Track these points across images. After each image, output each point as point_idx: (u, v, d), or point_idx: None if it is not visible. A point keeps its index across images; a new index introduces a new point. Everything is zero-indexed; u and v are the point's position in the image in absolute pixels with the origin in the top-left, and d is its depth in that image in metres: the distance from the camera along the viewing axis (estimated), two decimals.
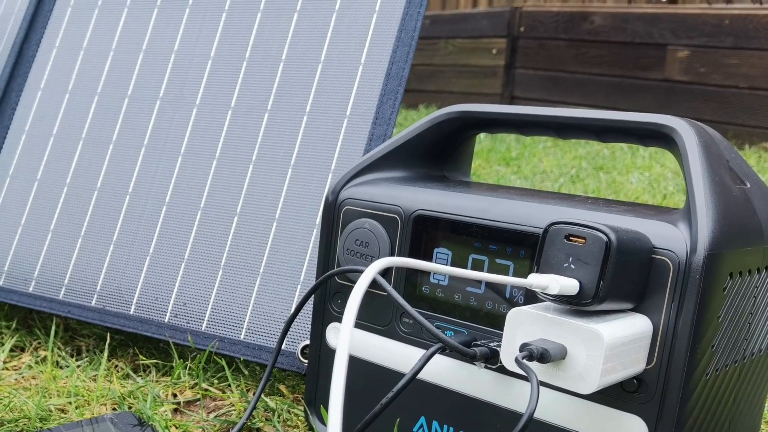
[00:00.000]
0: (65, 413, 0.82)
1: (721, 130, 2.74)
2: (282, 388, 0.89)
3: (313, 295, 0.76)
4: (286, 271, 0.90)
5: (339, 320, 0.75)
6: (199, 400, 0.86)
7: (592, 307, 0.53)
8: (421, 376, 0.68)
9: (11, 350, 0.99)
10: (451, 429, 0.67)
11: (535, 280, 0.54)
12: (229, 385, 0.89)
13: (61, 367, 0.94)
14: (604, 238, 0.52)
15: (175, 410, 0.84)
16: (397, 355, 0.70)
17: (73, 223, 1.04)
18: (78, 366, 0.94)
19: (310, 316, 0.84)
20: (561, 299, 0.54)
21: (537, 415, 0.61)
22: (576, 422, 0.59)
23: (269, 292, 0.90)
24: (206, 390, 0.88)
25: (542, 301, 0.58)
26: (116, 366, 0.95)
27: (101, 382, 0.87)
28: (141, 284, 0.97)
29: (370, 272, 0.55)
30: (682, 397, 0.54)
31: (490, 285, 0.64)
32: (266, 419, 0.82)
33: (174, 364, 0.91)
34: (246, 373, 0.92)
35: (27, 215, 1.08)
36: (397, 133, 0.76)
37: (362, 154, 0.91)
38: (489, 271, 0.64)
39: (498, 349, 0.61)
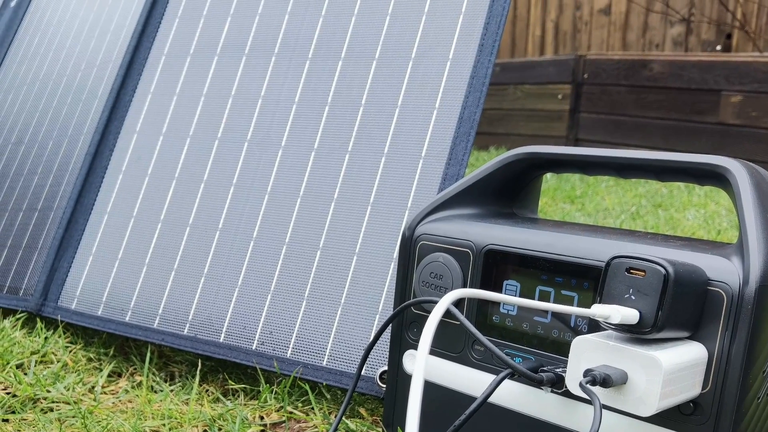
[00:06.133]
0: None
1: None
2: (362, 411, 0.90)
3: (390, 324, 0.78)
4: (365, 302, 0.93)
5: (415, 347, 0.77)
6: (284, 422, 0.88)
7: (651, 336, 0.55)
8: (491, 399, 0.70)
9: (109, 375, 1.02)
10: None
11: (598, 310, 0.56)
12: (313, 408, 0.90)
13: (155, 392, 0.97)
14: (663, 271, 0.54)
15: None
16: (469, 380, 0.72)
17: (166, 257, 1.08)
18: (171, 390, 0.96)
19: (388, 343, 0.85)
20: (622, 328, 0.56)
21: None
22: None
23: (350, 322, 0.93)
24: (291, 413, 0.89)
25: (605, 329, 0.60)
26: (207, 390, 0.97)
27: (193, 406, 0.90)
28: (230, 314, 1.00)
29: (444, 303, 0.57)
30: (735, 419, 0.56)
31: (555, 315, 0.66)
32: None
33: (261, 389, 0.93)
34: (328, 396, 0.93)
35: (124, 249, 1.12)
36: (469, 173, 0.77)
37: (436, 192, 0.93)
38: (555, 302, 0.66)
39: (563, 374, 0.63)
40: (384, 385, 0.86)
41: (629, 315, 0.55)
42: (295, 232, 1.01)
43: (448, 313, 0.73)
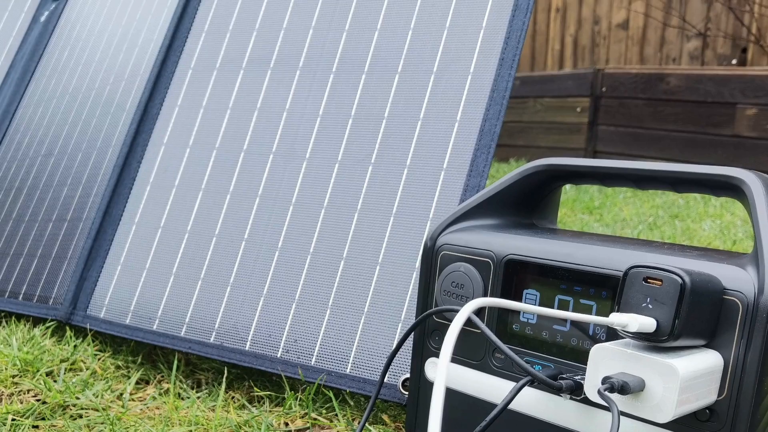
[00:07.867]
0: None
1: None
2: (385, 417, 0.91)
3: (413, 333, 0.79)
4: (388, 311, 0.94)
5: (437, 355, 0.78)
6: (308, 428, 0.89)
7: (668, 344, 0.56)
8: (511, 406, 0.71)
9: (137, 383, 1.03)
10: None
11: (616, 319, 0.57)
12: (336, 415, 0.91)
13: (182, 399, 0.98)
14: (679, 280, 0.55)
15: None
16: (489, 387, 0.72)
17: (193, 267, 1.10)
18: (198, 397, 0.98)
19: (411, 351, 0.86)
20: (639, 336, 0.57)
21: None
22: None
23: (373, 330, 0.94)
24: (315, 419, 0.90)
25: (622, 338, 0.60)
26: (233, 397, 0.98)
27: (219, 412, 0.91)
28: (256, 322, 1.01)
29: (465, 311, 0.58)
30: (750, 425, 0.56)
31: (574, 323, 0.67)
32: None
33: (286, 396, 0.94)
34: (351, 403, 0.94)
35: (151, 259, 1.14)
36: (490, 185, 0.77)
37: (458, 203, 0.94)
38: (574, 311, 0.67)
39: (582, 381, 0.64)
40: (406, 392, 0.87)
41: (647, 323, 0.56)
42: (319, 243, 1.02)
43: (469, 322, 0.73)
